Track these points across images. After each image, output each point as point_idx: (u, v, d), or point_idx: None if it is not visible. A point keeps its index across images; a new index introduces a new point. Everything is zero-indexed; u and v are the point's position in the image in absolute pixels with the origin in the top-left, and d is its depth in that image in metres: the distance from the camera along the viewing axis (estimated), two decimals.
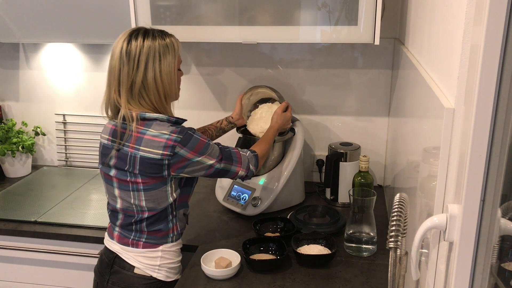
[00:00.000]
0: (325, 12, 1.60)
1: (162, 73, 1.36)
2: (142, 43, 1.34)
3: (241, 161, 1.49)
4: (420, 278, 1.02)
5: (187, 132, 1.36)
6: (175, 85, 1.43)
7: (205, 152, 1.39)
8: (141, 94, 1.37)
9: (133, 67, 1.34)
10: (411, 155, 1.30)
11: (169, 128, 1.35)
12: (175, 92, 1.45)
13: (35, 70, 2.29)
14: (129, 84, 1.35)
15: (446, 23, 0.94)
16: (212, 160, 1.41)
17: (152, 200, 1.40)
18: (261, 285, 1.42)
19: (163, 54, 1.36)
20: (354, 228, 1.57)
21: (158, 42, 1.36)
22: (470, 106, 0.71)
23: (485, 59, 0.66)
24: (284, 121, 1.77)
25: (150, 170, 1.35)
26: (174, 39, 1.41)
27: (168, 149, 1.33)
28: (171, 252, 1.47)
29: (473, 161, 0.70)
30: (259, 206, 1.80)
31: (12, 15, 1.93)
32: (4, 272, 1.89)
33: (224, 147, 1.49)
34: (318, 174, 2.14)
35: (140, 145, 1.35)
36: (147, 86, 1.36)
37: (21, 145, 2.22)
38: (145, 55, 1.34)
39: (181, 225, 1.50)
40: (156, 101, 1.38)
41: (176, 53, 1.40)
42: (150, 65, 1.35)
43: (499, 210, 0.73)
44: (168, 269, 1.47)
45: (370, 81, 2.02)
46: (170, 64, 1.38)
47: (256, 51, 2.07)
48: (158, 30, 1.41)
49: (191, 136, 1.37)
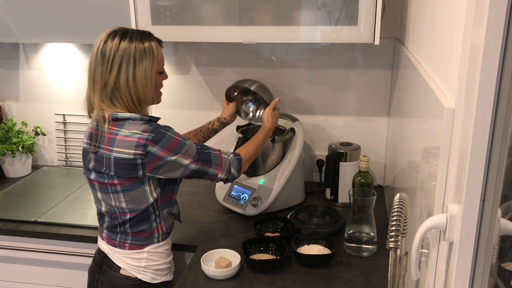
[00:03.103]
0: (325, 12, 1.60)
1: (136, 77, 1.33)
2: (118, 44, 1.31)
3: (221, 163, 1.44)
4: (420, 278, 1.02)
5: (159, 130, 1.33)
6: (151, 90, 1.38)
7: (180, 151, 1.35)
8: (114, 94, 1.34)
9: (106, 68, 1.32)
10: (411, 155, 1.30)
11: (141, 127, 1.32)
12: (152, 97, 1.40)
13: (35, 70, 2.29)
14: (102, 84, 1.34)
15: (446, 23, 0.94)
16: (188, 160, 1.37)
17: (131, 201, 1.38)
18: (261, 285, 1.42)
19: (139, 59, 1.33)
20: (354, 228, 1.57)
21: (135, 46, 1.32)
22: (470, 106, 0.71)
23: (485, 59, 0.66)
24: (276, 119, 1.73)
25: (125, 171, 1.33)
26: (154, 43, 1.37)
27: (140, 148, 1.31)
28: (158, 254, 1.45)
29: (473, 161, 0.70)
30: (259, 206, 1.80)
31: (12, 15, 1.93)
32: (4, 272, 1.89)
33: (203, 148, 1.44)
34: (318, 174, 2.14)
35: (113, 146, 1.33)
36: (120, 88, 1.33)
37: (21, 145, 2.22)
38: (119, 58, 1.31)
39: (167, 224, 1.47)
40: (129, 103, 1.35)
41: (155, 59, 1.36)
42: (123, 68, 1.32)
43: (499, 210, 0.73)
44: (154, 270, 1.45)
45: (370, 81, 2.02)
46: (146, 70, 1.34)
47: (256, 51, 2.07)
48: (141, 31, 1.38)
49: (164, 134, 1.33)
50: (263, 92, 1.77)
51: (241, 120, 2.03)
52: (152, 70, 1.36)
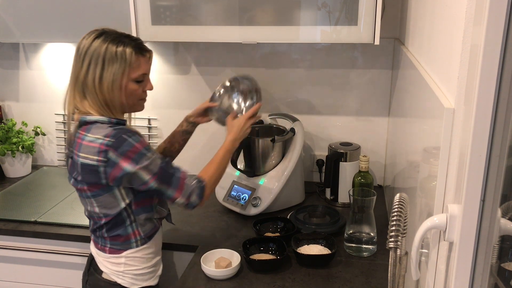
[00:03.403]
0: (325, 12, 1.60)
1: (103, 80, 1.31)
2: (91, 43, 1.31)
3: (182, 188, 1.37)
4: (420, 278, 1.02)
5: (121, 136, 1.28)
6: (121, 96, 1.34)
7: (139, 162, 1.29)
8: (83, 90, 1.34)
9: (77, 63, 1.33)
10: (411, 155, 1.30)
11: (105, 131, 1.30)
12: (122, 103, 1.36)
13: (35, 70, 2.29)
14: (74, 78, 1.34)
15: (446, 23, 0.94)
16: (148, 176, 1.31)
17: (103, 206, 1.37)
18: (261, 285, 1.42)
19: (108, 62, 1.30)
20: (354, 228, 1.57)
21: (106, 47, 1.30)
22: (470, 106, 0.71)
23: (485, 59, 0.66)
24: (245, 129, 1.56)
25: (90, 177, 1.32)
26: (130, 50, 1.32)
27: (102, 155, 1.28)
28: (137, 258, 1.43)
29: (473, 161, 0.70)
30: (259, 206, 1.80)
31: (12, 15, 1.93)
32: (4, 272, 1.89)
33: (168, 167, 1.36)
34: (318, 174, 2.14)
35: (79, 151, 1.32)
36: (87, 86, 1.32)
37: (21, 145, 2.22)
38: (89, 56, 1.31)
39: (145, 229, 1.43)
40: (97, 105, 1.34)
41: (128, 65, 1.32)
42: (91, 67, 1.31)
43: (499, 210, 0.73)
44: (133, 275, 1.43)
45: (370, 81, 2.02)
46: (115, 74, 1.31)
47: (256, 51, 2.07)
48: (125, 35, 1.35)
49: (124, 140, 1.28)
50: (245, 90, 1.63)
51: None
52: (123, 76, 1.32)
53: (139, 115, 2.23)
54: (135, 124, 2.24)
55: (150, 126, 2.25)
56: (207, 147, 2.18)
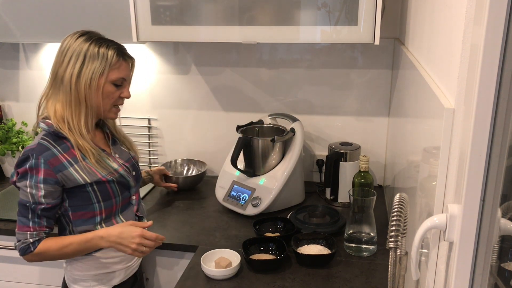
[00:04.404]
0: (325, 12, 1.60)
1: (81, 75, 1.32)
2: (75, 40, 1.34)
3: (19, 229, 1.35)
4: (420, 278, 1.02)
5: (28, 154, 1.32)
6: (97, 96, 1.35)
7: (21, 182, 1.33)
8: (59, 86, 1.35)
9: (58, 60, 1.35)
10: (411, 155, 1.30)
11: (33, 143, 1.36)
12: (97, 104, 1.36)
13: (35, 70, 2.29)
14: (53, 74, 1.37)
15: (446, 23, 0.94)
16: (20, 196, 1.34)
17: None
18: (261, 285, 1.42)
19: (89, 59, 1.32)
20: (354, 228, 1.57)
21: (89, 46, 1.33)
22: (470, 106, 0.71)
23: (485, 59, 0.66)
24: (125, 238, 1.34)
25: None
26: (112, 52, 1.34)
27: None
28: (79, 264, 1.43)
29: (473, 161, 0.70)
30: (259, 206, 1.80)
31: (12, 15, 1.93)
32: (4, 272, 1.89)
33: (31, 212, 1.33)
34: (318, 174, 2.14)
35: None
36: (63, 82, 1.34)
37: (21, 145, 2.22)
38: (70, 52, 1.33)
39: None
40: (66, 103, 1.34)
41: (108, 65, 1.34)
42: (71, 63, 1.33)
43: (499, 210, 0.73)
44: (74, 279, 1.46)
45: (370, 81, 2.02)
46: (94, 72, 1.32)
47: (256, 51, 2.07)
48: (105, 39, 1.38)
49: (27, 158, 1.32)
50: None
51: (242, 120, 2.03)
52: (102, 76, 1.34)
53: (139, 115, 2.23)
54: (135, 124, 2.24)
55: (150, 126, 2.25)
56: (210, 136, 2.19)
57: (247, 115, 2.12)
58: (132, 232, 1.35)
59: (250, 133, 1.94)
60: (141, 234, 1.35)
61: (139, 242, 1.34)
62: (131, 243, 1.34)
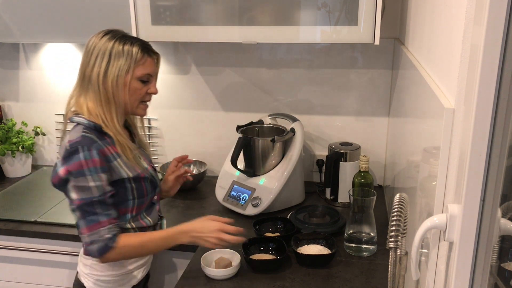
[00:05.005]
0: (325, 12, 1.60)
1: (108, 73, 1.33)
2: (99, 40, 1.35)
3: (91, 230, 1.30)
4: (420, 278, 1.02)
5: (77, 146, 1.28)
6: (124, 93, 1.35)
7: (76, 179, 1.27)
8: (87, 85, 1.35)
9: (85, 59, 1.36)
10: (411, 155, 1.30)
11: (75, 135, 1.31)
12: (124, 101, 1.37)
13: (35, 70, 2.29)
14: (81, 74, 1.37)
15: (446, 23, 0.94)
16: (75, 197, 1.28)
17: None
18: (261, 285, 1.42)
19: (114, 57, 1.33)
20: (354, 228, 1.57)
21: (114, 44, 1.34)
22: (470, 106, 0.71)
23: (485, 59, 0.66)
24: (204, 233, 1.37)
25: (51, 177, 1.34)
26: (136, 49, 1.35)
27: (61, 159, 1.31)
28: (102, 265, 1.40)
29: (473, 161, 0.70)
30: (259, 206, 1.80)
31: (12, 15, 1.93)
32: (4, 272, 1.89)
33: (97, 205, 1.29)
34: (318, 174, 2.14)
35: (59, 150, 1.35)
36: (92, 80, 1.34)
37: (21, 145, 2.22)
38: (96, 51, 1.34)
39: None
40: (98, 101, 1.34)
41: (134, 62, 1.34)
42: (98, 61, 1.33)
43: (499, 210, 0.73)
44: (96, 280, 1.42)
45: (370, 81, 2.02)
46: (120, 69, 1.33)
47: (256, 51, 2.07)
48: (130, 37, 1.38)
49: (76, 151, 1.28)
50: None
51: (242, 120, 2.03)
52: (128, 73, 1.34)
53: None
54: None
55: (150, 126, 2.25)
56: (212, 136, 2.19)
57: (247, 115, 2.12)
58: (212, 226, 1.38)
59: (250, 133, 1.94)
60: (220, 227, 1.38)
61: (218, 236, 1.37)
62: (211, 237, 1.37)
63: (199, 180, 2.10)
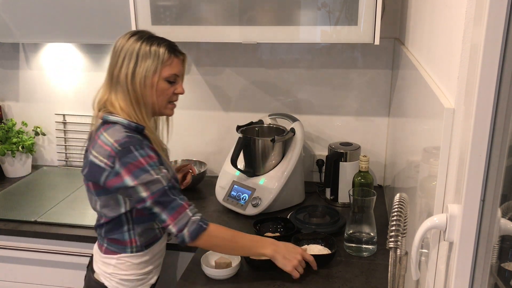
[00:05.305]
0: (325, 12, 1.60)
1: (135, 74, 1.33)
2: (126, 41, 1.35)
3: (177, 216, 1.30)
4: (420, 278, 1.02)
5: (128, 146, 1.28)
6: (152, 94, 1.36)
7: (139, 177, 1.27)
8: (116, 86, 1.35)
9: (113, 60, 1.36)
10: (411, 155, 1.30)
11: (118, 135, 1.29)
12: (152, 102, 1.37)
13: (35, 70, 2.29)
14: (110, 75, 1.37)
15: (446, 23, 0.94)
16: (146, 193, 1.27)
17: (104, 206, 1.37)
18: (261, 285, 1.42)
19: (142, 58, 1.33)
20: (354, 228, 1.57)
21: (141, 46, 1.34)
22: (470, 106, 0.71)
23: (485, 59, 0.66)
24: (289, 254, 1.41)
25: (93, 176, 1.32)
26: (163, 49, 1.35)
27: (110, 159, 1.28)
28: (128, 264, 1.41)
29: (473, 161, 0.70)
30: (259, 206, 1.80)
31: (12, 15, 1.93)
32: (4, 272, 1.89)
33: (172, 191, 1.31)
34: (318, 174, 2.13)
35: (93, 149, 1.32)
36: (120, 82, 1.34)
37: (21, 145, 2.22)
38: (123, 52, 1.34)
39: (143, 239, 1.41)
40: (127, 102, 1.34)
41: (160, 62, 1.34)
42: (125, 62, 1.33)
43: (499, 210, 0.73)
44: (120, 280, 1.41)
45: (370, 81, 2.02)
46: (147, 70, 1.33)
47: (256, 51, 2.07)
48: (156, 37, 1.38)
49: (129, 151, 1.27)
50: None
51: (242, 120, 2.03)
52: (155, 73, 1.34)
53: None
54: None
55: None
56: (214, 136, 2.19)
57: (247, 115, 2.12)
58: (296, 249, 1.43)
59: (250, 133, 1.94)
60: (302, 253, 1.43)
61: (300, 259, 1.41)
62: (294, 259, 1.40)
63: (199, 180, 2.10)
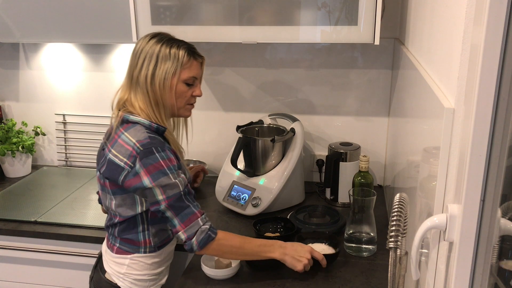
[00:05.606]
0: (325, 12, 1.60)
1: (155, 76, 1.34)
2: (147, 43, 1.36)
3: (188, 223, 1.30)
4: (420, 278, 1.02)
5: (150, 147, 1.28)
6: (171, 96, 1.37)
7: (158, 180, 1.27)
8: (136, 88, 1.36)
9: (133, 62, 1.37)
10: (411, 155, 1.30)
11: (140, 135, 1.30)
12: (171, 104, 1.38)
13: (35, 70, 2.29)
14: (130, 76, 1.38)
15: (446, 23, 0.94)
16: (162, 196, 1.28)
17: (120, 205, 1.37)
18: (261, 285, 1.42)
19: (161, 60, 1.34)
20: (354, 228, 1.57)
21: (161, 48, 1.35)
22: (470, 106, 0.71)
23: (485, 59, 0.66)
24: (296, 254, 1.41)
25: (112, 174, 1.32)
26: (183, 52, 1.36)
27: (131, 159, 1.28)
28: (141, 263, 1.41)
29: (473, 161, 0.70)
30: (259, 206, 1.80)
31: (12, 15, 1.93)
32: (4, 272, 1.89)
33: (187, 197, 1.32)
34: (318, 174, 2.14)
35: (112, 147, 1.32)
36: (139, 82, 1.35)
37: (21, 145, 2.22)
38: (143, 54, 1.35)
39: (157, 240, 1.42)
40: (147, 103, 1.35)
41: (180, 65, 1.36)
42: (145, 64, 1.35)
43: (499, 210, 0.73)
44: (133, 280, 1.41)
45: (370, 81, 2.02)
46: (167, 72, 1.34)
47: (256, 51, 2.07)
48: (176, 40, 1.39)
49: (151, 153, 1.28)
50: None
51: (242, 120, 2.03)
52: (175, 76, 1.36)
53: None
54: None
55: None
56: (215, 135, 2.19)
57: (247, 115, 2.12)
58: (304, 247, 1.43)
59: (250, 133, 1.94)
60: (311, 251, 1.43)
61: (309, 258, 1.41)
62: (303, 258, 1.40)
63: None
